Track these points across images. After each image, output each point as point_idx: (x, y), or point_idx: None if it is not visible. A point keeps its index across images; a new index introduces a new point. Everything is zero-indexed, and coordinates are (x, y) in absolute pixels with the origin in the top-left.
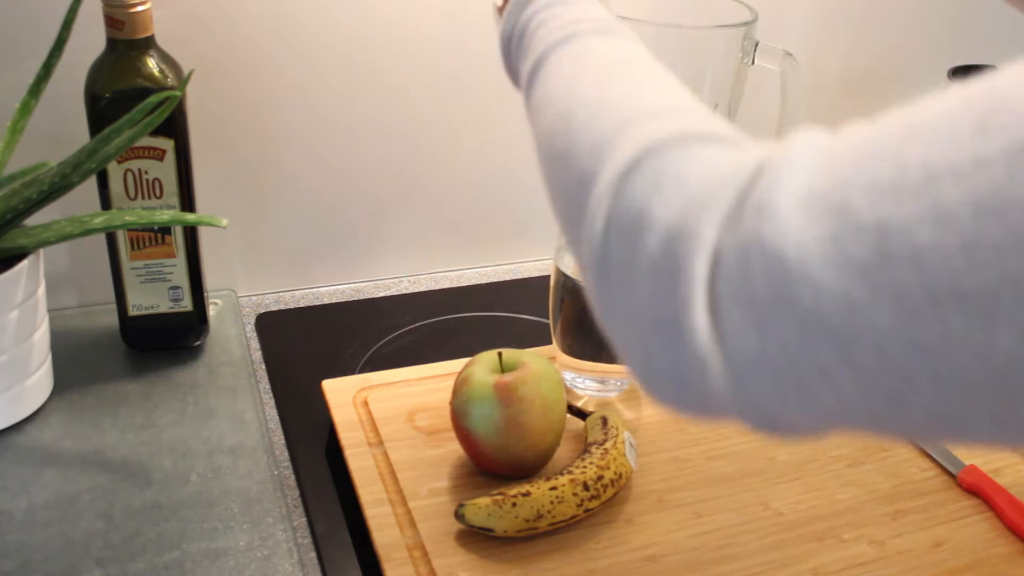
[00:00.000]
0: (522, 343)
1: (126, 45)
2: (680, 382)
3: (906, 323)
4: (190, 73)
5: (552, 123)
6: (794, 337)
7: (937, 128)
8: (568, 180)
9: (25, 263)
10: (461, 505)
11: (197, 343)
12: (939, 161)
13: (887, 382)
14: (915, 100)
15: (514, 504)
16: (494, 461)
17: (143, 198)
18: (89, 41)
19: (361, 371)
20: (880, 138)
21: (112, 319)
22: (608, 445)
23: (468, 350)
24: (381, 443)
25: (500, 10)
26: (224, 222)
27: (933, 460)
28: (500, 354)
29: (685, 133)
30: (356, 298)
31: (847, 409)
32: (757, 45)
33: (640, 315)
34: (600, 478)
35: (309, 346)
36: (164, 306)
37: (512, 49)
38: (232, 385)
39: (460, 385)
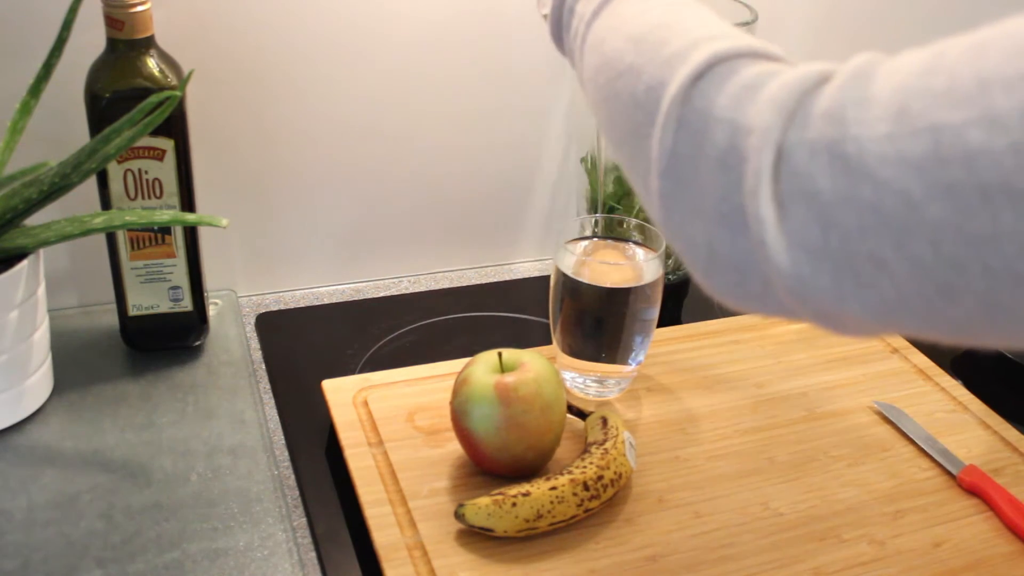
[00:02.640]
0: (522, 343)
1: (126, 45)
2: (742, 272)
3: (959, 217)
4: (190, 73)
5: (620, 45)
6: (855, 230)
7: (990, 47)
8: (636, 91)
9: (25, 263)
10: (461, 505)
11: (197, 343)
12: (991, 74)
13: (941, 273)
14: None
15: (514, 504)
16: (494, 461)
17: (143, 198)
18: (89, 41)
19: (361, 371)
20: (936, 56)
21: (112, 319)
22: (608, 445)
23: (468, 350)
24: (381, 443)
25: None
26: (224, 222)
27: (933, 460)
28: (500, 354)
29: (752, 49)
30: (356, 298)
31: (902, 301)
32: None
33: (705, 208)
34: (600, 478)
35: (309, 346)
36: (164, 306)
37: None
38: (232, 385)
39: (460, 385)
